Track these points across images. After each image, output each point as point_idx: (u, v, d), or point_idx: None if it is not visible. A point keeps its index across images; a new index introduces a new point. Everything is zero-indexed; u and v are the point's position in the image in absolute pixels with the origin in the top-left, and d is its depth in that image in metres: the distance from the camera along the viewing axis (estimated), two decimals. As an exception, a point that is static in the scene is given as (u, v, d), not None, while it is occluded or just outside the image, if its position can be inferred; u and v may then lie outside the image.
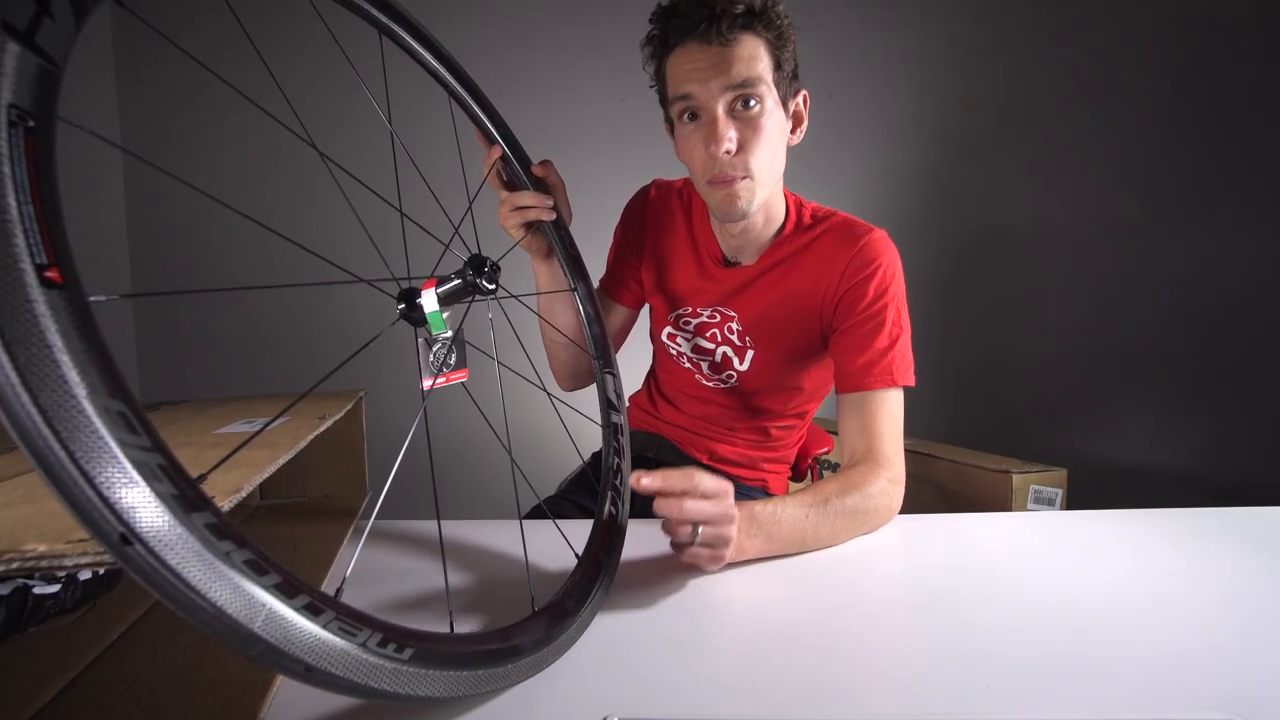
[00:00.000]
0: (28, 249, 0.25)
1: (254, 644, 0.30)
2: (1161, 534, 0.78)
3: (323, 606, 0.33)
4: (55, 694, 0.45)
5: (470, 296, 0.60)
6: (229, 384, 2.01)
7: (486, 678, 0.42)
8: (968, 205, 2.19)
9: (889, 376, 0.83)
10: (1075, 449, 2.18)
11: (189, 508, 0.29)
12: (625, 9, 0.82)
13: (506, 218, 0.83)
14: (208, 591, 0.28)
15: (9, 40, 0.26)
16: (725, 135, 0.75)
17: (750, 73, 0.74)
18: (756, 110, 0.76)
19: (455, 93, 0.74)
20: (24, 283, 0.25)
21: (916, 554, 0.75)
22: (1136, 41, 2.10)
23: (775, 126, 0.78)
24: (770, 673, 0.50)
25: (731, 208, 0.80)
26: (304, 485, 0.85)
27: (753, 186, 0.79)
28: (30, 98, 0.27)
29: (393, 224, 0.65)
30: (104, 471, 0.26)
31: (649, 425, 1.07)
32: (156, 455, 0.28)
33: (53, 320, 0.26)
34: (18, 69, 0.26)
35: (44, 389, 0.25)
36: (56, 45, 0.28)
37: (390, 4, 0.64)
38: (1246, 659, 0.51)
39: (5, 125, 0.26)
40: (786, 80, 0.78)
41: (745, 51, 0.74)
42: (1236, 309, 2.16)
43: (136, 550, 0.27)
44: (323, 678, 0.33)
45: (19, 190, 0.26)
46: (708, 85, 0.75)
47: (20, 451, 0.25)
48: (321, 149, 0.54)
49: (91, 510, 0.26)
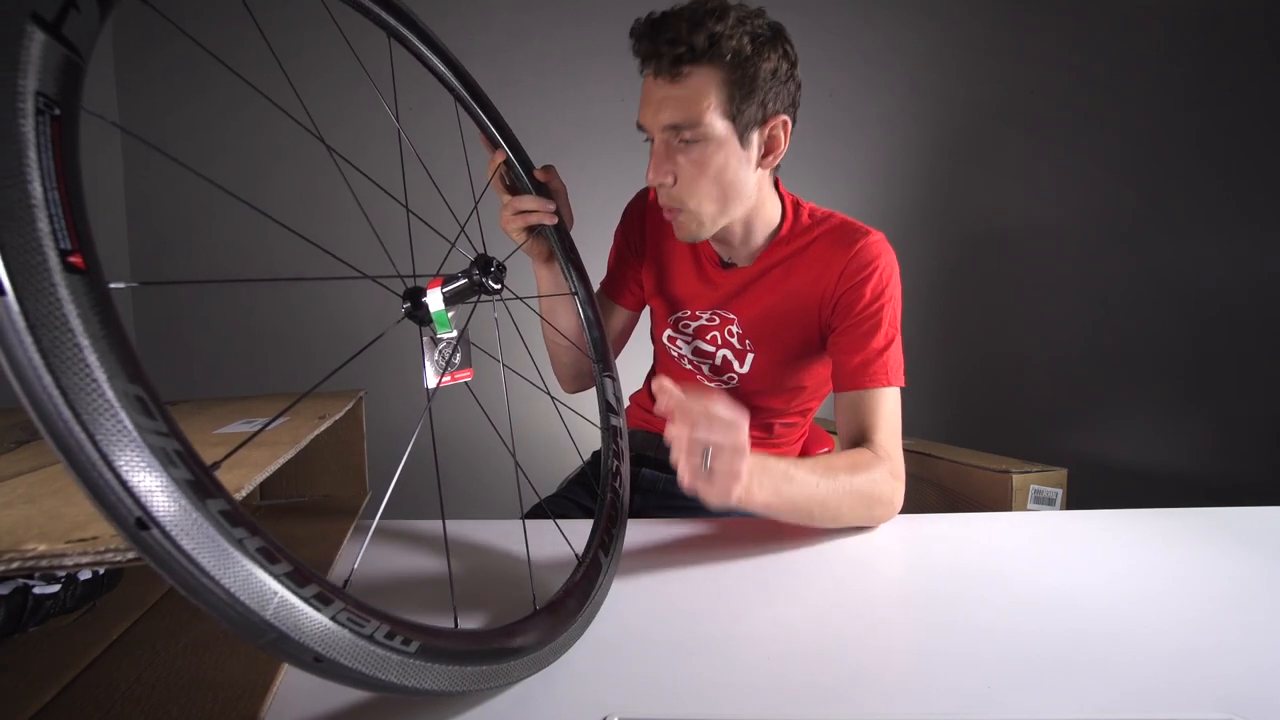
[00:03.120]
0: (53, 234, 0.26)
1: (265, 632, 0.30)
2: (1161, 534, 0.78)
3: (332, 597, 0.34)
4: (55, 694, 0.45)
5: (476, 297, 0.60)
6: (229, 383, 2.01)
7: (489, 674, 0.43)
8: (968, 205, 2.19)
9: (885, 376, 0.83)
10: (1075, 449, 2.18)
11: (204, 494, 0.29)
12: (625, 10, 0.82)
13: (508, 221, 0.84)
14: (222, 578, 0.29)
15: (38, 30, 0.26)
16: (660, 169, 0.78)
17: (687, 114, 0.73)
18: (698, 147, 0.76)
19: (461, 97, 0.75)
20: (48, 267, 0.25)
21: (916, 554, 0.75)
22: (1136, 42, 2.10)
23: (724, 160, 0.77)
24: (770, 672, 0.50)
25: (678, 233, 0.84)
26: (304, 485, 0.85)
27: (694, 218, 0.81)
28: (57, 87, 0.27)
29: (395, 224, 0.65)
30: (123, 455, 0.26)
31: (650, 424, 1.07)
32: (173, 441, 0.29)
33: (75, 305, 0.26)
34: (46, 58, 0.27)
35: (66, 372, 0.25)
36: (82, 36, 0.29)
37: (400, 8, 0.65)
38: (1246, 659, 0.51)
39: (33, 113, 0.26)
40: (753, 107, 0.75)
41: (689, 89, 0.73)
42: (1236, 309, 2.16)
43: (153, 535, 0.27)
44: (331, 668, 0.33)
45: (45, 176, 0.26)
46: (655, 118, 0.76)
47: (20, 451, 0.25)
48: (324, 146, 0.54)
49: (109, 493, 0.26)
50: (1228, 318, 2.16)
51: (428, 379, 0.59)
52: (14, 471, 0.45)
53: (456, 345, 0.61)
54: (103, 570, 0.54)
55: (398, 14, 0.64)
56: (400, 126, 0.63)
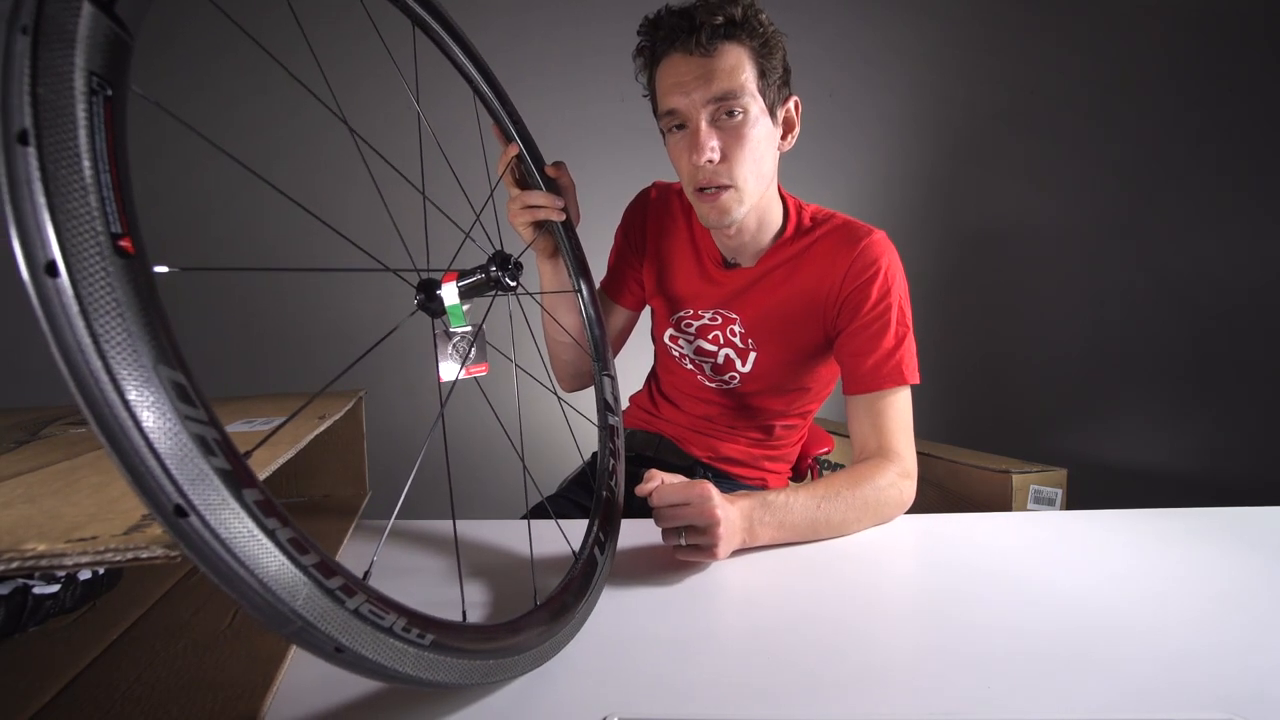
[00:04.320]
0: (104, 218, 0.26)
1: (292, 621, 0.30)
2: (1161, 534, 0.78)
3: (355, 589, 0.34)
4: (55, 694, 0.45)
5: (491, 292, 0.60)
6: (228, 383, 2.01)
7: (496, 668, 0.43)
8: (968, 205, 2.20)
9: (898, 376, 0.84)
10: (1075, 449, 2.18)
11: (240, 484, 0.29)
12: (625, 9, 0.82)
13: (516, 215, 0.84)
14: (255, 567, 0.29)
15: (91, 6, 0.26)
16: (706, 145, 0.76)
17: (731, 84, 0.74)
18: (740, 120, 0.76)
19: (480, 90, 0.75)
20: (102, 251, 0.26)
21: (916, 553, 0.75)
22: (1136, 42, 2.10)
23: (760, 135, 0.78)
24: (770, 672, 0.50)
25: (717, 216, 0.82)
26: (304, 485, 0.85)
27: (738, 195, 0.80)
28: (109, 66, 0.27)
29: (405, 218, 0.65)
30: (165, 442, 0.27)
31: (649, 425, 1.07)
32: (212, 429, 0.29)
33: (125, 290, 0.26)
34: (97, 36, 0.26)
35: (115, 356, 0.25)
36: (132, 15, 0.28)
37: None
38: (1246, 659, 0.51)
39: (87, 93, 0.26)
40: (775, 87, 0.78)
41: (727, 62, 0.74)
42: (1236, 309, 2.16)
43: (190, 523, 0.27)
44: (351, 658, 0.33)
45: (99, 159, 0.26)
46: (690, 97, 0.76)
47: (20, 451, 0.25)
48: (340, 134, 0.54)
49: (149, 479, 0.26)
50: (1228, 318, 2.16)
51: (442, 372, 0.59)
52: (14, 471, 0.45)
53: (473, 340, 0.61)
54: (103, 570, 0.54)
55: (425, 4, 0.65)
56: (421, 112, 0.63)
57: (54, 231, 0.24)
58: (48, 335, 0.25)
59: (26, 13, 0.24)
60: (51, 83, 0.25)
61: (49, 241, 0.24)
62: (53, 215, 0.24)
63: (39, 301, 0.25)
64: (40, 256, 0.24)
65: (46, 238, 0.24)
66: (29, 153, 0.24)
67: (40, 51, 0.25)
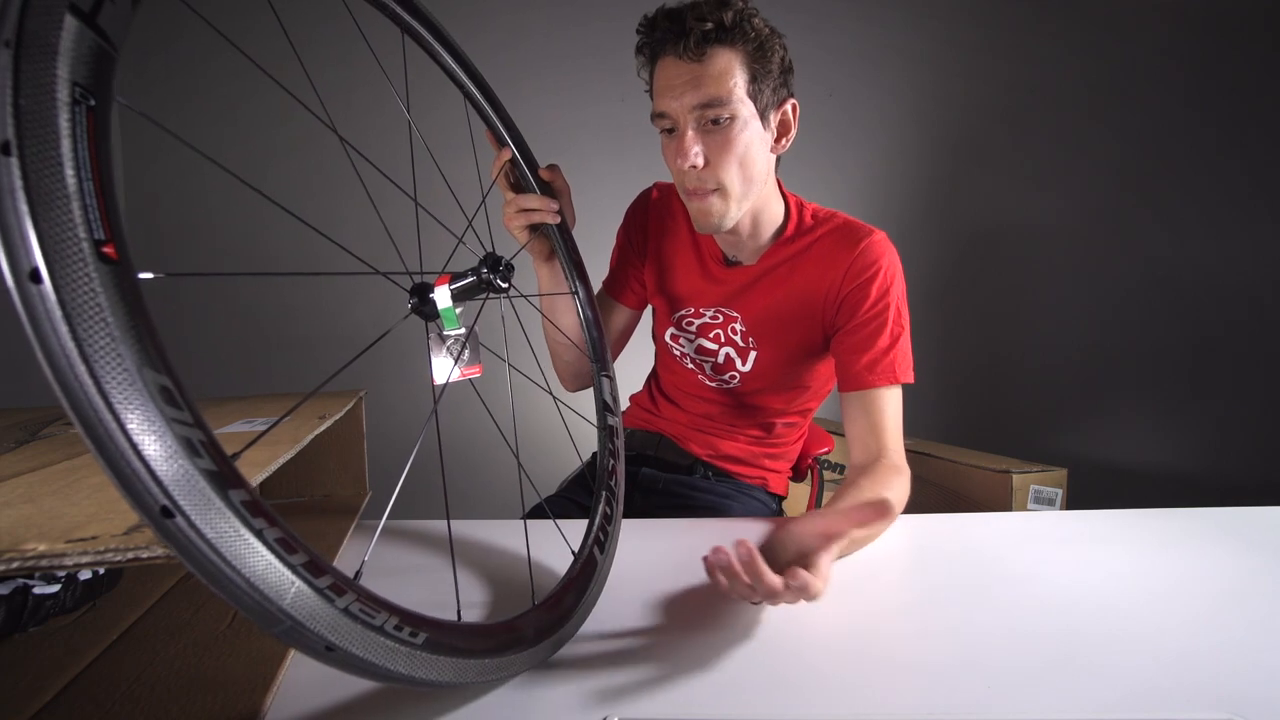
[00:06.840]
0: (87, 224, 0.26)
1: (281, 620, 0.31)
2: (1161, 534, 0.78)
3: (345, 588, 0.34)
4: (55, 694, 0.45)
5: (483, 294, 0.61)
6: (228, 383, 2.02)
7: (491, 666, 0.43)
8: (968, 205, 2.19)
9: (891, 375, 0.84)
10: (1075, 449, 2.18)
11: (227, 484, 0.30)
12: (625, 9, 0.82)
13: (511, 218, 0.84)
14: (242, 567, 0.29)
15: (73, 19, 0.27)
16: (690, 151, 0.76)
17: (719, 90, 0.74)
18: (726, 125, 0.76)
19: (471, 95, 0.75)
20: (84, 257, 0.26)
21: (916, 554, 0.75)
22: (1136, 42, 2.10)
23: (749, 139, 0.78)
24: (769, 672, 0.50)
25: (704, 220, 0.82)
26: (304, 485, 0.85)
27: (725, 200, 0.80)
28: (92, 77, 0.27)
29: (397, 222, 0.65)
30: (151, 445, 0.27)
31: (649, 424, 1.07)
32: (198, 431, 0.29)
33: (108, 295, 0.27)
34: (80, 48, 0.27)
35: (99, 361, 0.26)
36: (115, 27, 0.29)
37: (416, 6, 0.65)
38: (1246, 659, 0.51)
39: (70, 103, 0.26)
40: (769, 90, 0.78)
41: (716, 68, 0.74)
42: (1235, 309, 2.16)
43: (177, 523, 0.28)
44: (343, 657, 0.34)
45: (81, 167, 0.26)
46: (680, 100, 0.76)
47: (20, 451, 0.25)
48: (334, 138, 0.54)
49: (136, 482, 0.27)
50: (1227, 318, 2.16)
51: (435, 374, 0.59)
52: (14, 471, 0.45)
53: (465, 342, 0.61)
54: (103, 570, 0.54)
55: (413, 11, 0.65)
56: (411, 119, 0.63)
57: (37, 239, 0.25)
58: (33, 341, 0.25)
59: (9, 27, 0.25)
60: (33, 94, 0.25)
61: (32, 249, 0.25)
62: (35, 223, 0.25)
63: (24, 308, 0.25)
64: (24, 263, 0.25)
65: (30, 245, 0.25)
66: (11, 163, 0.24)
67: (22, 64, 0.25)
